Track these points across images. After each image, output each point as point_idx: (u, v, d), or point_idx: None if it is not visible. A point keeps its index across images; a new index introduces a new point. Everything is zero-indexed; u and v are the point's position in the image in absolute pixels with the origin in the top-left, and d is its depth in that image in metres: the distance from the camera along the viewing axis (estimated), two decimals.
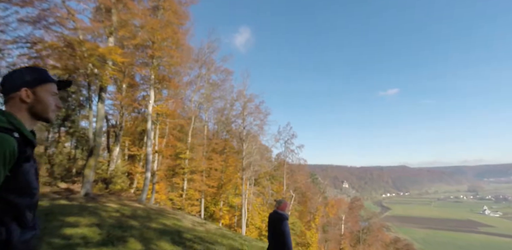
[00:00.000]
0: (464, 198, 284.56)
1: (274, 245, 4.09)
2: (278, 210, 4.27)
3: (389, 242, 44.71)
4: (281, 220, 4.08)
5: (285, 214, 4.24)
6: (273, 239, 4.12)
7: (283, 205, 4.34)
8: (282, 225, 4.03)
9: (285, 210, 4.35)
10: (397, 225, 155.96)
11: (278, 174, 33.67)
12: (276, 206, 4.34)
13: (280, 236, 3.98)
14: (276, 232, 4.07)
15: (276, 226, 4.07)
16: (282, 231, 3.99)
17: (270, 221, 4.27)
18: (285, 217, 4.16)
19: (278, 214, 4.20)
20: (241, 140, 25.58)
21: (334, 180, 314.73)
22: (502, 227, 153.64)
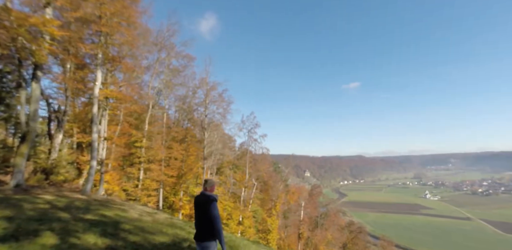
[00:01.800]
0: (410, 184, 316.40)
1: (202, 230, 3.72)
2: (206, 192, 3.89)
3: (344, 226, 47.96)
4: (208, 202, 3.70)
5: (213, 195, 3.86)
6: (201, 224, 3.74)
7: (213, 186, 3.99)
8: (210, 207, 3.65)
9: (213, 192, 4.00)
10: (352, 210, 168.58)
11: (241, 163, 33.62)
12: (203, 187, 3.97)
13: (208, 219, 3.62)
14: (204, 215, 3.70)
15: (204, 209, 3.69)
16: (211, 213, 3.63)
17: (197, 204, 3.87)
18: (213, 199, 3.78)
19: (205, 196, 3.82)
20: (203, 129, 24.79)
21: (297, 169, 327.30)
22: (440, 209, 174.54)
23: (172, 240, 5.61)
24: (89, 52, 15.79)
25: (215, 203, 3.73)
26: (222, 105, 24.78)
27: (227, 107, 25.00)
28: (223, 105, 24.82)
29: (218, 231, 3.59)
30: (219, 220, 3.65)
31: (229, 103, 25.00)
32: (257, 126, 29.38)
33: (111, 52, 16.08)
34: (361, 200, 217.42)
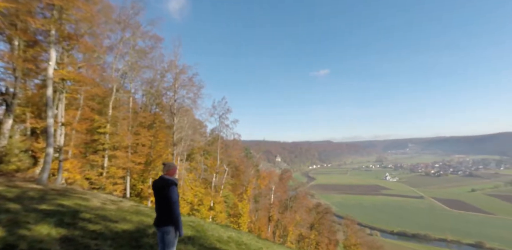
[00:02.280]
0: (373, 167, 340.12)
1: (161, 215, 3.63)
2: (165, 176, 3.77)
3: (312, 207, 50.60)
4: (167, 186, 3.60)
5: (172, 178, 3.75)
6: (159, 209, 3.65)
7: (173, 169, 3.88)
8: (169, 191, 3.56)
9: (174, 175, 3.90)
10: (320, 192, 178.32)
11: (213, 149, 33.44)
12: (163, 171, 3.85)
13: (167, 204, 3.54)
14: (162, 200, 3.60)
15: (162, 194, 3.60)
16: (169, 198, 3.54)
17: (155, 188, 3.76)
18: (172, 182, 3.69)
19: (163, 180, 3.70)
20: (172, 114, 23.97)
21: (268, 154, 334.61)
22: (397, 189, 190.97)
23: (136, 227, 5.46)
24: (41, 28, 14.16)
25: (174, 187, 3.63)
26: (192, 89, 24.00)
27: (198, 92, 24.29)
28: (194, 90, 24.06)
29: (176, 216, 3.52)
30: (178, 205, 3.58)
31: (200, 88, 24.28)
32: (228, 111, 29.10)
33: (66, 29, 14.60)
34: (328, 182, 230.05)
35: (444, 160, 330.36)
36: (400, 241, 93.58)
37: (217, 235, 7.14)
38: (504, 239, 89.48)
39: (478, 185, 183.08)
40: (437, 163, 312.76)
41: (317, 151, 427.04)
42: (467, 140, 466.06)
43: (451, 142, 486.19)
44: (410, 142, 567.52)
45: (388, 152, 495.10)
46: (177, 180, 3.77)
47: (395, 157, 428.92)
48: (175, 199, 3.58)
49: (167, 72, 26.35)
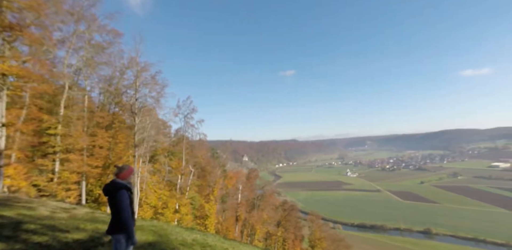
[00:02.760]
0: (335, 164, 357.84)
1: (111, 221, 3.42)
2: (116, 179, 3.56)
3: (279, 205, 51.67)
4: (116, 190, 3.39)
5: (122, 182, 3.53)
6: (111, 215, 3.43)
7: (126, 172, 3.64)
8: (117, 196, 3.35)
9: (127, 178, 3.67)
10: (286, 190, 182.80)
11: (178, 150, 32.39)
12: (114, 174, 3.63)
13: (116, 210, 3.33)
14: (112, 206, 3.39)
15: (111, 199, 3.39)
16: (117, 203, 3.34)
17: (105, 193, 3.53)
18: (122, 186, 3.46)
19: (113, 184, 3.48)
20: (133, 114, 22.68)
21: (235, 154, 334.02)
22: (357, 184, 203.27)
23: (90, 236, 5.05)
24: None
25: (123, 192, 3.41)
26: (155, 88, 22.97)
27: (161, 90, 23.32)
28: (157, 89, 23.05)
29: (125, 223, 3.30)
30: (128, 210, 3.36)
31: (164, 87, 23.33)
32: (194, 111, 28.45)
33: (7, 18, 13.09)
34: (294, 180, 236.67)
35: (398, 156, 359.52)
36: (360, 232, 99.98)
37: (181, 238, 6.92)
38: (448, 225, 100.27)
39: (425, 178, 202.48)
40: (392, 158, 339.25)
41: (284, 149, 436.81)
42: (417, 137, 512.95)
43: (403, 139, 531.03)
44: (368, 139, 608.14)
45: (349, 149, 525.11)
46: (129, 184, 3.55)
47: (355, 154, 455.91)
48: (125, 204, 3.35)
49: (127, 70, 24.90)
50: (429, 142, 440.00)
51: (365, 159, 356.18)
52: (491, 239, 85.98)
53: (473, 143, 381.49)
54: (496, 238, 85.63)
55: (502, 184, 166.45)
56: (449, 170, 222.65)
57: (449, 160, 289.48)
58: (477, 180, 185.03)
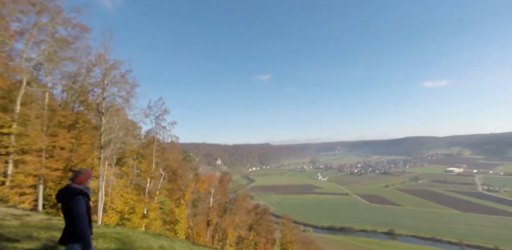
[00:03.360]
0: (307, 168, 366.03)
1: (64, 230, 3.13)
2: (72, 184, 3.27)
3: (251, 209, 51.49)
4: (71, 196, 3.13)
5: (79, 187, 3.26)
6: (65, 223, 3.14)
7: (83, 176, 3.35)
8: (72, 202, 3.09)
9: (84, 183, 3.39)
10: (259, 193, 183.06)
11: (148, 152, 31.06)
12: (70, 179, 3.34)
13: (71, 218, 3.07)
14: (66, 213, 3.12)
15: (66, 205, 3.12)
16: (73, 210, 3.08)
17: (59, 199, 3.23)
18: (78, 191, 3.20)
19: (68, 189, 3.21)
20: (100, 113, 21.40)
21: (208, 157, 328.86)
22: (328, 187, 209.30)
23: (44, 245, 4.56)
24: None
25: (79, 198, 3.14)
26: (125, 87, 21.91)
27: (131, 90, 22.28)
28: (126, 88, 21.99)
29: (81, 231, 3.03)
30: (84, 217, 3.10)
31: (134, 86, 22.31)
32: (166, 113, 27.54)
33: None
34: (267, 184, 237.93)
35: (365, 161, 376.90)
36: (330, 234, 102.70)
37: (146, 246, 6.54)
38: (410, 226, 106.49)
39: (390, 181, 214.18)
40: (360, 163, 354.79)
41: (257, 153, 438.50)
42: (383, 143, 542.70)
43: (370, 145, 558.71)
44: (338, 144, 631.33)
45: (320, 154, 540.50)
46: (87, 189, 3.26)
47: (326, 158, 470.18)
48: (81, 211, 3.08)
49: (94, 67, 23.50)
50: (393, 148, 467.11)
51: (335, 163, 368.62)
52: (446, 238, 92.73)
53: (432, 149, 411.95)
54: (451, 237, 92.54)
55: (456, 187, 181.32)
56: (411, 174, 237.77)
57: (411, 165, 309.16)
58: (435, 183, 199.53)
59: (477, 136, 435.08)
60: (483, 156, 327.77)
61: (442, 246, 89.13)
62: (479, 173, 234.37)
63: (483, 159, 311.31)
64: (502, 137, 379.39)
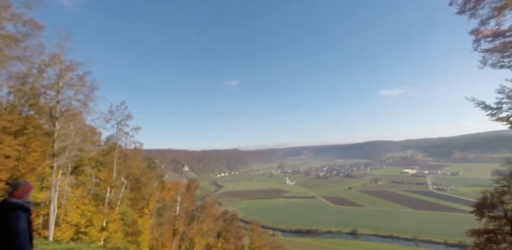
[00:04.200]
0: (275, 172, 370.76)
1: (2, 246, 2.79)
2: (10, 199, 2.96)
3: (219, 215, 50.51)
4: (9, 211, 2.84)
5: (18, 202, 2.97)
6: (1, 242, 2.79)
7: (22, 189, 3.06)
8: (11, 218, 2.80)
9: (25, 196, 3.06)
10: (228, 199, 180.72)
11: (108, 160, 29.14)
12: (8, 193, 3.00)
13: (9, 236, 2.76)
14: (3, 229, 2.80)
15: (4, 221, 2.82)
16: (12, 226, 2.78)
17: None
18: (17, 206, 2.92)
19: (6, 204, 2.91)
20: (53, 118, 19.66)
21: (175, 164, 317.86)
22: (295, 191, 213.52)
23: None
24: None
25: (19, 213, 2.86)
26: (82, 90, 20.46)
27: (90, 93, 20.86)
28: (85, 91, 20.55)
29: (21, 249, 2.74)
30: (25, 234, 2.82)
31: (93, 89, 20.92)
32: (129, 118, 26.17)
33: None
34: (235, 190, 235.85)
35: (330, 164, 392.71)
36: (297, 237, 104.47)
37: None
38: (370, 225, 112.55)
39: (353, 184, 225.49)
40: (325, 167, 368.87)
41: (226, 159, 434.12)
42: (346, 147, 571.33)
43: (335, 149, 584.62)
44: (305, 149, 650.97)
45: (288, 159, 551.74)
46: (28, 203, 2.95)
47: (293, 163, 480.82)
48: (21, 227, 2.79)
49: (48, 67, 21.66)
50: (356, 152, 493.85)
51: (302, 168, 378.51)
52: (403, 235, 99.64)
53: (390, 153, 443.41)
54: (406, 234, 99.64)
55: (411, 187, 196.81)
56: (371, 177, 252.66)
57: (372, 168, 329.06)
58: (393, 184, 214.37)
59: (428, 140, 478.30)
60: (433, 158, 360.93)
61: (400, 242, 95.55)
62: (430, 173, 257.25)
63: (433, 161, 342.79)
64: (449, 140, 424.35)
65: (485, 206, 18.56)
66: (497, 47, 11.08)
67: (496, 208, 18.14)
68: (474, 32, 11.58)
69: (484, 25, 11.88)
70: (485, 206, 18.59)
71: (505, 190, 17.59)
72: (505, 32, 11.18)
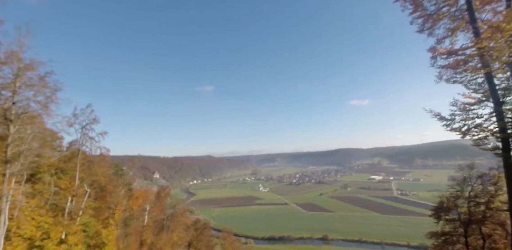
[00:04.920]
0: (248, 179, 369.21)
1: None
2: None
3: (190, 224, 48.96)
4: None
5: None
6: None
7: None
8: None
9: None
10: (200, 207, 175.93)
11: (70, 166, 27.13)
12: None
13: None
14: None
15: None
16: None
17: None
18: None
19: None
20: (8, 121, 18.00)
21: (145, 171, 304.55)
22: (268, 198, 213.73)
23: None
24: None
25: None
26: (43, 91, 19.02)
27: (52, 95, 19.41)
28: (46, 92, 19.11)
29: None
30: None
31: (56, 91, 19.48)
32: (95, 122, 24.77)
33: None
34: (208, 197, 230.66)
35: (303, 171, 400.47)
36: (270, 244, 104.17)
37: None
38: (340, 230, 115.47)
39: (324, 190, 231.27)
40: (298, 173, 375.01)
41: (199, 166, 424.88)
42: (318, 154, 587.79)
43: (307, 156, 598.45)
44: (279, 156, 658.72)
45: (262, 165, 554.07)
46: None
47: (267, 170, 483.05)
48: None
49: (4, 65, 19.97)
50: (327, 159, 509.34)
51: (275, 174, 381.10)
52: (370, 239, 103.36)
53: (358, 160, 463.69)
54: (373, 238, 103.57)
55: (377, 193, 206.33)
56: (341, 183, 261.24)
57: (342, 174, 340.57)
58: (361, 190, 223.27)
59: (393, 148, 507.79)
60: (397, 165, 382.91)
61: (367, 246, 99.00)
62: (394, 179, 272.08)
63: (397, 168, 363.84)
64: (412, 148, 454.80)
65: (442, 209, 20.02)
66: (451, 64, 12.22)
67: (451, 212, 19.64)
68: (431, 50, 12.70)
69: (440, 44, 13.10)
70: (441, 209, 20.05)
71: (458, 195, 19.14)
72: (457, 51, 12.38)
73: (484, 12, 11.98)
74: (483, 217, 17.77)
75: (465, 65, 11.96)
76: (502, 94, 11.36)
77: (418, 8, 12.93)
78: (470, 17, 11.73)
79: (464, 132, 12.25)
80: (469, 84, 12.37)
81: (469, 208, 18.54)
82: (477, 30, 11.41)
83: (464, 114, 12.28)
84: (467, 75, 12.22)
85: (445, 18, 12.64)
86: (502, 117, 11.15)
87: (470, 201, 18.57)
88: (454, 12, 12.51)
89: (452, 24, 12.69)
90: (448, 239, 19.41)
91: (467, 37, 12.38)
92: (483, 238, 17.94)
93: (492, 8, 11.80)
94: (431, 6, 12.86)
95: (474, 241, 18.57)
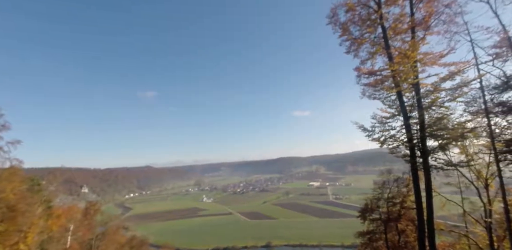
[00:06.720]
0: (191, 190, 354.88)
1: None
2: None
3: (125, 243, 44.37)
4: None
5: None
6: None
7: None
8: None
9: None
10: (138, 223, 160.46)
11: None
12: None
13: None
14: None
15: None
16: None
17: None
18: None
19: None
20: None
21: (71, 185, 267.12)
22: (212, 209, 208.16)
23: None
24: None
25: None
26: None
27: None
28: None
29: None
30: None
31: None
32: (4, 128, 20.89)
33: None
34: (147, 211, 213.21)
35: (247, 180, 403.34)
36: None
37: None
38: (283, 236, 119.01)
39: (267, 197, 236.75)
40: (242, 182, 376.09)
41: (137, 178, 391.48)
42: (261, 163, 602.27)
43: (252, 165, 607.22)
44: (223, 165, 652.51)
45: (206, 175, 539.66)
46: None
47: (211, 179, 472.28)
48: None
49: None
50: (270, 167, 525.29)
51: (220, 184, 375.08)
52: (310, 242, 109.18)
53: (299, 168, 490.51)
54: (313, 241, 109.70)
55: (316, 198, 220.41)
56: (284, 190, 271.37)
57: (284, 182, 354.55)
58: (301, 196, 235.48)
59: (328, 156, 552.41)
60: (332, 172, 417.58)
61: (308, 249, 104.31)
62: (330, 185, 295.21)
63: (332, 174, 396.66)
64: (344, 156, 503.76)
65: (367, 210, 22.67)
66: (371, 83, 14.30)
67: (375, 212, 22.34)
68: (356, 69, 14.67)
69: (363, 65, 15.23)
70: (366, 211, 22.69)
71: (379, 197, 21.95)
72: (376, 72, 14.56)
73: (396, 41, 14.45)
74: (398, 215, 20.66)
75: (382, 84, 14.13)
76: (409, 110, 13.71)
77: (346, 32, 14.88)
78: (385, 44, 14.01)
79: (382, 142, 14.31)
80: (385, 100, 14.59)
81: (388, 208, 21.37)
82: (391, 55, 13.67)
83: (381, 126, 14.37)
84: (384, 93, 14.43)
85: (367, 43, 14.82)
86: (409, 129, 13.44)
87: (388, 202, 21.42)
88: (374, 38, 14.75)
89: (372, 48, 14.94)
90: (372, 236, 21.94)
91: (384, 61, 14.74)
92: (398, 234, 20.82)
93: (401, 38, 14.32)
94: (356, 31, 14.95)
95: (392, 237, 21.37)
